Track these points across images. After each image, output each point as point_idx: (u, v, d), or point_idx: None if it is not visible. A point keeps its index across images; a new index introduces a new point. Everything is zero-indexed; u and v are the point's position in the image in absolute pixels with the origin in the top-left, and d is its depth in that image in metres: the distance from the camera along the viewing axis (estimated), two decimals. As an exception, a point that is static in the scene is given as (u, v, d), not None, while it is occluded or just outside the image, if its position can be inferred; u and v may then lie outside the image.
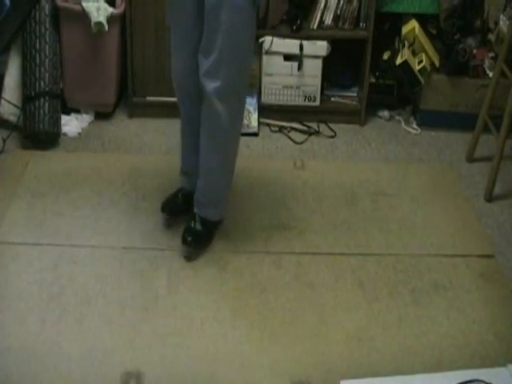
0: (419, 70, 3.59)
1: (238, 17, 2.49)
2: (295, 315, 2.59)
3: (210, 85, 2.55)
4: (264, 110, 3.72)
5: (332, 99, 3.80)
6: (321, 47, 3.59)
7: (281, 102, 3.72)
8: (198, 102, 2.67)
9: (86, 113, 3.68)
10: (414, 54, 3.62)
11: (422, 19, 3.71)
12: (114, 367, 2.35)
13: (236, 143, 2.80)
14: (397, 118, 3.85)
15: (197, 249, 2.83)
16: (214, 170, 2.76)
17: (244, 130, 3.35)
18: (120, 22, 3.51)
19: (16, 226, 2.95)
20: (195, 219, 2.84)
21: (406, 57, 3.57)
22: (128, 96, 3.71)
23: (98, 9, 3.37)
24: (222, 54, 2.51)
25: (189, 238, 2.80)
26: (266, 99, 3.72)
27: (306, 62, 3.63)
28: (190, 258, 2.80)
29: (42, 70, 3.44)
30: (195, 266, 2.79)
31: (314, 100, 3.72)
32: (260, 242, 2.92)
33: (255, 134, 3.64)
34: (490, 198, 3.25)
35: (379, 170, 3.43)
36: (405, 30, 3.67)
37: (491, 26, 3.73)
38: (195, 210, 2.85)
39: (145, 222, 2.99)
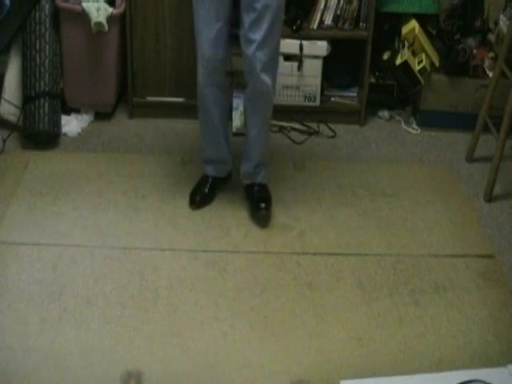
0: (419, 70, 3.59)
1: None
2: (295, 315, 2.59)
3: (261, 59, 2.75)
4: (264, 110, 3.72)
5: (332, 99, 3.80)
6: (321, 47, 3.59)
7: (281, 102, 3.72)
8: (224, 90, 2.96)
9: (86, 113, 3.68)
10: (414, 54, 3.62)
11: (422, 19, 3.71)
12: (114, 367, 2.35)
13: None
14: (397, 118, 3.85)
15: (269, 213, 3.02)
16: (266, 139, 3.03)
17: (244, 131, 3.35)
18: (120, 22, 3.51)
19: (16, 225, 2.95)
20: (256, 189, 3.06)
21: (406, 57, 3.57)
22: (128, 96, 3.71)
23: (98, 9, 3.37)
24: (271, 29, 2.73)
25: (262, 205, 3.01)
26: (266, 99, 3.71)
27: (306, 62, 3.63)
28: (265, 224, 3.00)
29: (42, 70, 3.44)
30: (195, 265, 2.79)
31: (314, 100, 3.72)
32: (260, 242, 2.92)
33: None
34: (489, 198, 3.25)
35: (379, 169, 3.43)
36: (405, 30, 3.67)
37: (491, 26, 3.73)
38: (251, 181, 3.06)
39: (145, 222, 2.99)
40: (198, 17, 2.78)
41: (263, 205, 3.01)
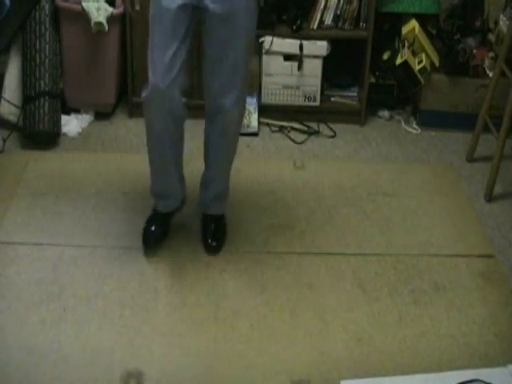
0: (419, 70, 3.59)
1: (250, 20, 2.49)
2: (295, 315, 2.59)
3: (227, 98, 2.54)
4: (264, 110, 3.73)
5: (332, 99, 3.80)
6: (321, 47, 3.59)
7: (281, 102, 3.72)
8: (179, 123, 2.62)
9: (86, 113, 3.68)
10: (414, 53, 3.62)
11: (422, 19, 3.71)
12: (114, 367, 2.35)
13: None
14: (397, 117, 3.85)
15: (220, 248, 2.86)
16: (226, 169, 2.82)
17: (244, 130, 3.35)
18: (120, 21, 3.51)
19: (16, 226, 2.94)
20: (210, 222, 2.88)
21: (406, 57, 3.57)
22: (128, 96, 3.71)
23: (98, 9, 3.37)
24: (237, 63, 2.50)
25: (214, 244, 2.85)
26: (266, 99, 3.72)
27: (306, 62, 3.63)
28: (215, 254, 2.84)
29: (42, 69, 3.44)
30: (195, 266, 2.79)
31: (314, 100, 3.72)
32: (260, 241, 2.92)
33: (255, 134, 3.64)
34: (490, 198, 3.25)
35: (379, 170, 3.43)
36: (405, 30, 3.67)
37: (491, 26, 3.73)
38: (206, 212, 2.89)
39: (145, 222, 2.99)
40: (153, 36, 2.46)
41: (214, 243, 2.84)
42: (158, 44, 2.45)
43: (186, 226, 2.96)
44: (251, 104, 3.63)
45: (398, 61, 3.60)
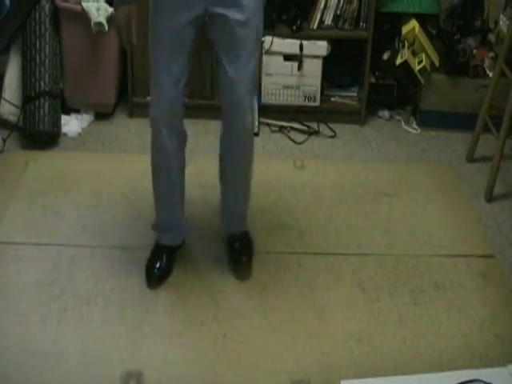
0: (419, 70, 3.59)
1: (260, 19, 2.45)
2: (295, 315, 2.59)
3: (244, 88, 2.46)
4: (264, 110, 3.73)
5: (332, 99, 3.80)
6: (321, 47, 3.59)
7: (281, 102, 3.72)
8: (183, 140, 2.61)
9: (86, 113, 3.68)
10: (414, 54, 3.62)
11: (422, 19, 3.72)
12: (114, 367, 2.35)
13: None
14: (397, 117, 3.85)
15: (251, 263, 2.78)
16: (245, 181, 2.72)
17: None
18: (120, 21, 3.51)
19: (16, 225, 2.95)
20: (238, 239, 2.80)
21: (406, 57, 3.57)
22: (128, 96, 3.71)
23: (98, 9, 3.37)
24: (250, 60, 2.45)
25: (244, 259, 2.77)
26: (266, 99, 3.72)
27: (306, 62, 3.63)
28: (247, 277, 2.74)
29: (42, 70, 3.44)
30: (195, 266, 2.79)
31: (314, 100, 3.72)
32: (260, 242, 2.92)
33: (255, 134, 3.63)
34: (490, 198, 3.25)
35: (379, 170, 3.43)
36: (405, 30, 3.67)
37: (491, 26, 3.73)
38: (232, 230, 2.80)
39: (145, 222, 2.98)
40: (156, 51, 2.42)
41: (245, 259, 2.76)
42: (163, 62, 2.41)
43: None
44: (251, 104, 3.63)
45: (398, 61, 3.60)
